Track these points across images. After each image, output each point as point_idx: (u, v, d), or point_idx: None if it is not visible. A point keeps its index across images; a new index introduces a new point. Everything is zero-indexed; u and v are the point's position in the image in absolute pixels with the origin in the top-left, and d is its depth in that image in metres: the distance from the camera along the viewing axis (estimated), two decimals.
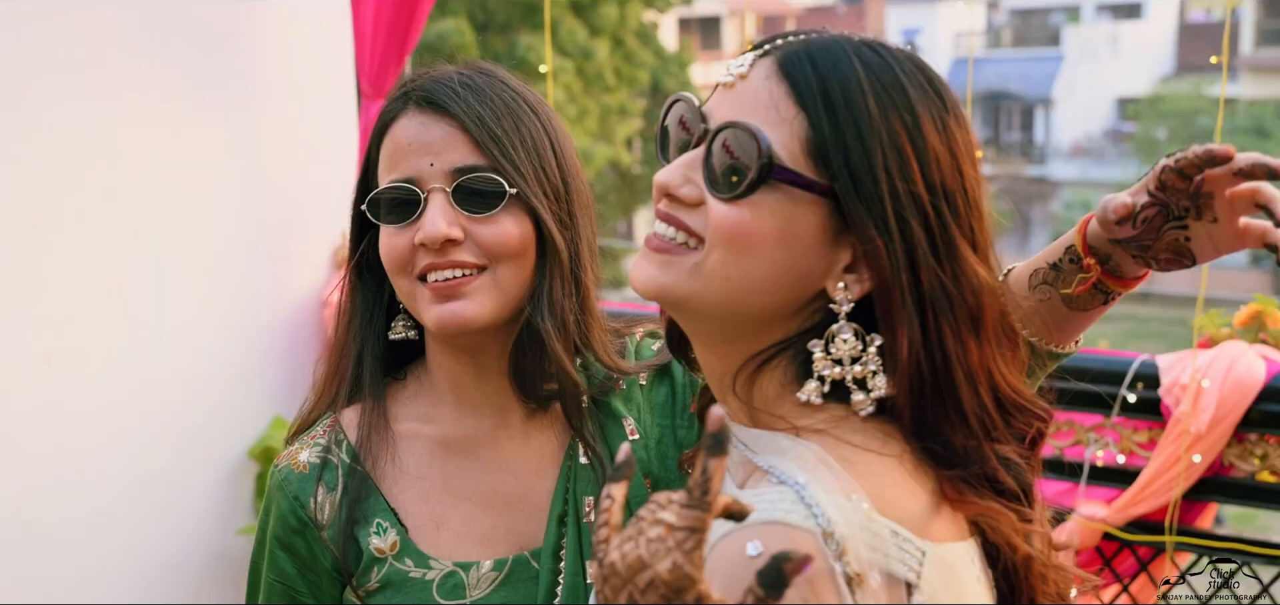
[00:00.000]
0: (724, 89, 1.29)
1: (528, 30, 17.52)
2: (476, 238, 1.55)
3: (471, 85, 1.58)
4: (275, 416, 4.17)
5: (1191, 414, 2.87)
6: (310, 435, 1.68)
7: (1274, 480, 2.92)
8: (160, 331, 3.79)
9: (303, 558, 1.63)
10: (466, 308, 1.55)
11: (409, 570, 1.59)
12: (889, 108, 1.22)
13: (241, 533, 4.08)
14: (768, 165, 1.21)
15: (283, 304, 4.23)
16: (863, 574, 1.15)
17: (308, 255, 4.33)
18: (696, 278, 1.26)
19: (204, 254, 3.94)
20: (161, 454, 3.81)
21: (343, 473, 1.63)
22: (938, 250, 1.23)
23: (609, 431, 1.69)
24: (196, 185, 3.89)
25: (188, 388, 3.89)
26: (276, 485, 1.65)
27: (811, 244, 1.23)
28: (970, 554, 1.27)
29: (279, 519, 1.64)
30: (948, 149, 1.25)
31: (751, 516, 1.14)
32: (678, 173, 1.28)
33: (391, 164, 1.59)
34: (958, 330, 1.23)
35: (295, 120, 4.24)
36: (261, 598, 1.67)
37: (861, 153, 1.21)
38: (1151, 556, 3.07)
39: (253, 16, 4.05)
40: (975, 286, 1.24)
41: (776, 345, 1.28)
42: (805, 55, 1.25)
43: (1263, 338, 3.00)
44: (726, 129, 1.24)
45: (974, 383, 1.25)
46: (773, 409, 1.28)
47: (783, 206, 1.22)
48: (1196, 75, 29.45)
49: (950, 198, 1.24)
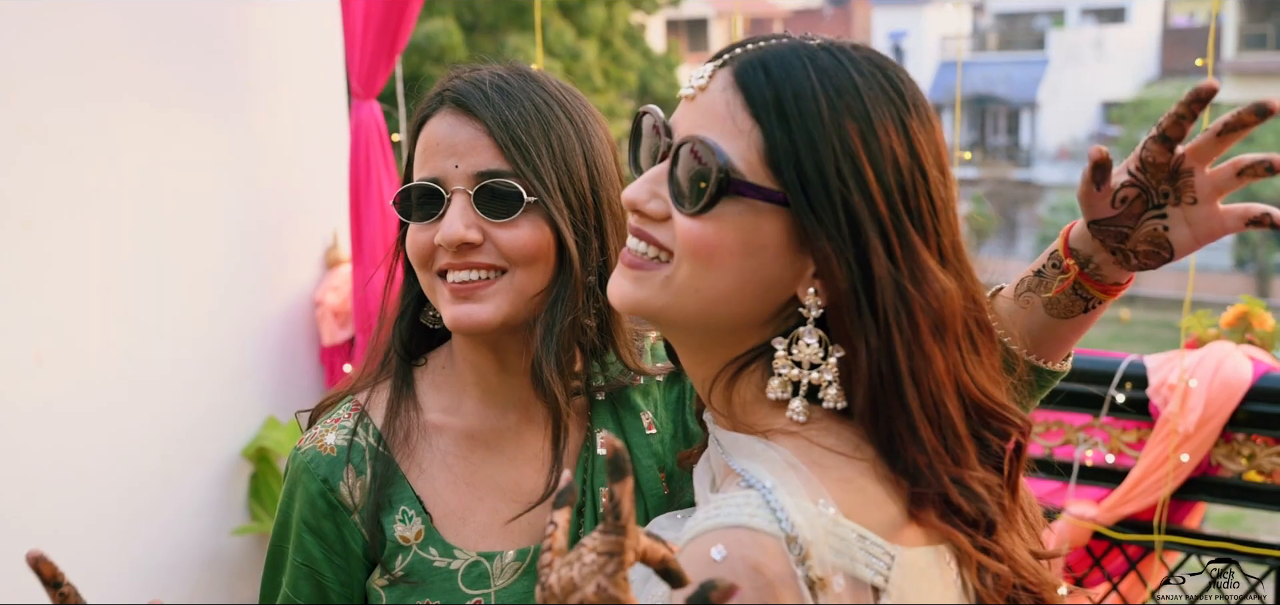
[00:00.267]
0: (686, 101, 1.29)
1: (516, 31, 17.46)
2: (496, 241, 1.57)
3: (504, 89, 1.60)
4: (268, 417, 4.18)
5: (1180, 414, 2.89)
6: (333, 418, 1.67)
7: (1261, 480, 2.94)
8: (153, 332, 3.79)
9: (332, 542, 1.62)
10: (481, 311, 1.57)
11: (433, 559, 1.60)
12: (843, 113, 1.21)
13: (236, 533, 4.08)
14: (725, 179, 1.22)
15: (275, 304, 4.23)
16: (826, 578, 1.15)
17: (300, 255, 4.33)
18: (668, 291, 1.27)
19: (196, 254, 3.94)
20: (155, 455, 3.81)
21: (370, 456, 1.63)
22: (895, 257, 1.21)
23: (628, 425, 1.72)
24: (188, 186, 3.90)
25: (180, 388, 3.89)
26: (302, 468, 1.62)
27: (777, 253, 1.24)
28: (942, 558, 1.26)
29: (307, 503, 1.61)
30: (908, 150, 1.23)
31: (717, 519, 1.17)
32: (644, 189, 1.30)
33: (422, 161, 1.62)
34: (918, 340, 1.22)
35: (286, 121, 4.24)
36: (286, 583, 1.64)
37: (812, 161, 1.20)
38: (1140, 555, 3.09)
39: (244, 18, 4.06)
40: (937, 292, 1.22)
41: (751, 351, 1.29)
42: (760, 64, 1.25)
43: (1249, 338, 3.02)
44: (686, 144, 1.25)
45: (936, 395, 1.23)
46: (749, 413, 1.30)
47: (745, 218, 1.23)
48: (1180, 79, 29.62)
49: (911, 200, 1.23)
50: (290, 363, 4.29)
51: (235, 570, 4.10)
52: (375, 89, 4.05)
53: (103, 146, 3.59)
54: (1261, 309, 3.03)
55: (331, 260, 4.39)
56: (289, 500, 1.64)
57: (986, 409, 1.28)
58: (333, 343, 4.31)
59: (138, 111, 3.71)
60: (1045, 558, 1.35)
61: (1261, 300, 3.07)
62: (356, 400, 1.68)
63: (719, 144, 1.23)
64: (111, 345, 3.65)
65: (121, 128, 3.66)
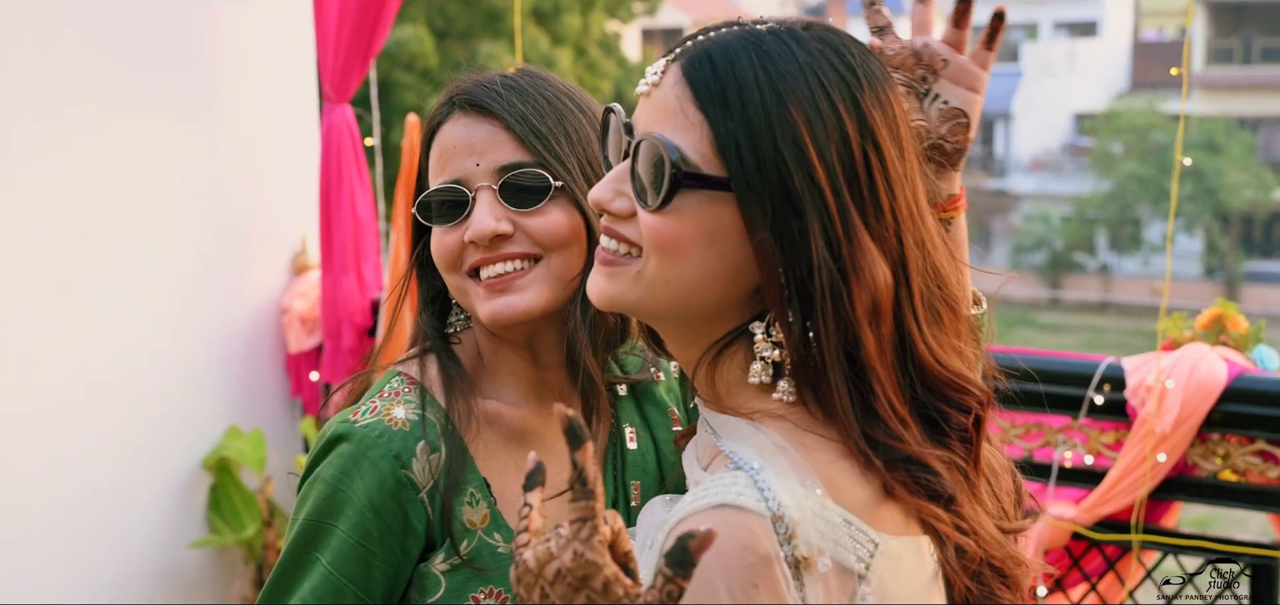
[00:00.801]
0: (643, 98, 1.32)
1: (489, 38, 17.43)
2: (527, 230, 1.59)
3: (514, 86, 1.63)
4: (230, 425, 4.10)
5: (1157, 414, 2.88)
6: (389, 391, 1.61)
7: (1236, 479, 2.94)
8: (112, 336, 3.72)
9: (391, 521, 1.54)
10: (520, 300, 1.58)
11: (497, 545, 1.57)
12: (787, 97, 1.23)
13: (195, 546, 4.00)
14: (679, 173, 1.24)
15: (240, 309, 4.17)
16: (811, 558, 1.17)
17: (267, 261, 4.27)
18: (640, 285, 1.30)
19: (160, 258, 3.88)
20: (112, 463, 3.73)
21: (443, 433, 1.59)
22: (833, 243, 1.22)
23: (653, 421, 1.74)
24: (153, 189, 3.84)
25: (140, 394, 3.82)
26: (370, 442, 1.54)
27: (740, 239, 1.25)
28: (924, 551, 1.27)
29: (376, 479, 1.53)
30: (858, 126, 1.24)
31: (704, 500, 1.18)
32: (609, 188, 1.33)
33: (440, 167, 1.63)
34: (853, 322, 1.22)
35: (256, 124, 4.19)
36: (327, 562, 1.53)
37: (751, 150, 1.22)
38: (1118, 555, 3.08)
39: (214, 21, 4.01)
40: (873, 275, 1.23)
41: (730, 334, 1.31)
42: (706, 56, 1.27)
43: (1223, 340, 3.01)
44: (643, 141, 1.28)
45: (871, 378, 1.24)
46: (734, 395, 1.31)
47: (705, 208, 1.25)
48: (1150, 91, 29.88)
49: (861, 178, 1.24)
50: (255, 370, 4.23)
51: (192, 584, 4.01)
52: (348, 93, 4.00)
53: (67, 149, 3.53)
54: (1235, 312, 3.03)
55: (299, 266, 4.33)
56: (344, 476, 1.54)
57: (944, 380, 1.28)
58: (299, 350, 4.25)
59: (103, 112, 3.65)
60: (1011, 531, 1.35)
61: (1235, 302, 3.06)
62: (407, 375, 1.64)
63: (671, 139, 1.26)
64: (69, 349, 3.58)
65: (86, 130, 3.60)
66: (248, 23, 4.13)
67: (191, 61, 3.95)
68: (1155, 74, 31.13)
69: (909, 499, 1.25)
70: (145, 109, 3.79)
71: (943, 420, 1.29)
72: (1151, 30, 36.80)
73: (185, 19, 3.91)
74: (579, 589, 1.07)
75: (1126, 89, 32.79)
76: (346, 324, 4.07)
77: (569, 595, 1.08)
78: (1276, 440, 2.87)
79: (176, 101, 3.90)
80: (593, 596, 1.07)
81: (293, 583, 1.55)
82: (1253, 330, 2.96)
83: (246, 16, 4.12)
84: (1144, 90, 30.76)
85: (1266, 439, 2.87)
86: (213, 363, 4.08)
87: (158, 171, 3.85)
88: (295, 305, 4.23)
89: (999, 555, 1.31)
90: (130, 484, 3.81)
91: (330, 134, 4.02)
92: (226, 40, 4.06)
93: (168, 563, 3.93)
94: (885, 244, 1.25)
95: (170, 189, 3.90)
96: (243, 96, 4.12)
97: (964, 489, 1.30)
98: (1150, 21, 36.96)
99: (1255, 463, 2.89)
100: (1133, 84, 32.78)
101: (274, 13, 4.25)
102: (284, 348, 4.29)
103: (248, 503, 4.02)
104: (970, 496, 1.31)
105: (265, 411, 4.22)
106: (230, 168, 4.10)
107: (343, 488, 1.53)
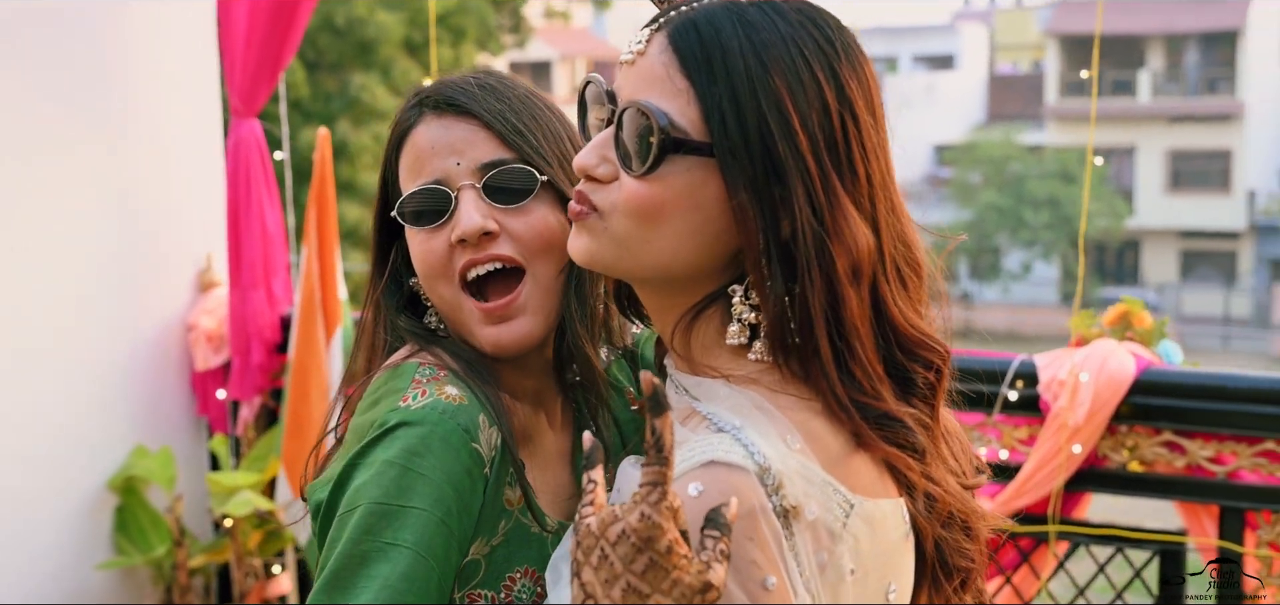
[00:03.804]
0: (626, 67, 1.34)
1: (360, 70, 17.25)
2: (512, 231, 1.57)
3: (486, 85, 1.61)
4: (137, 445, 3.98)
5: (1069, 407, 2.99)
6: (416, 379, 1.52)
7: (1143, 470, 3.07)
8: (14, 355, 3.59)
9: (465, 494, 1.47)
10: (520, 326, 1.56)
11: (531, 526, 1.55)
12: (771, 66, 1.27)
13: (101, 568, 3.88)
14: (667, 139, 1.28)
15: (144, 327, 4.05)
16: (799, 506, 1.23)
17: (172, 278, 4.16)
18: (619, 245, 1.33)
19: (59, 275, 3.76)
20: (15, 484, 3.59)
21: (495, 409, 1.53)
22: (816, 206, 1.27)
23: (612, 402, 1.71)
24: (54, 205, 3.72)
25: (43, 414, 3.69)
26: (436, 419, 1.46)
27: (722, 204, 1.29)
28: (898, 512, 1.33)
29: (452, 454, 1.45)
30: (837, 94, 1.30)
31: (691, 460, 1.22)
32: (594, 154, 1.35)
33: (416, 170, 1.59)
34: (837, 282, 1.28)
35: (158, 139, 4.08)
36: (412, 547, 1.41)
37: (736, 116, 1.26)
38: (1032, 547, 3.18)
39: (115, 32, 3.90)
40: (855, 237, 1.29)
41: (708, 297, 1.35)
42: (691, 24, 1.30)
43: (1129, 336, 3.16)
44: (629, 108, 1.30)
45: (851, 336, 1.29)
46: (709, 357, 1.35)
47: (692, 172, 1.29)
48: (1006, 122, 30.98)
49: (840, 145, 1.30)
50: (160, 388, 4.11)
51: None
52: (257, 106, 3.92)
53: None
54: (1140, 308, 3.18)
55: (206, 283, 4.22)
56: (413, 456, 1.44)
57: (914, 340, 1.35)
58: (206, 368, 4.14)
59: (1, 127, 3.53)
60: (970, 488, 1.43)
61: (1139, 299, 3.21)
62: (428, 360, 1.57)
63: (660, 105, 1.29)
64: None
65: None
66: (149, 37, 4.03)
67: (90, 73, 3.83)
68: (1011, 106, 32.35)
69: (885, 447, 1.31)
70: (45, 121, 3.67)
71: (910, 379, 1.36)
72: (1006, 64, 38.25)
73: (84, 33, 3.80)
74: (641, 551, 1.10)
75: (984, 121, 33.96)
76: (256, 340, 3.99)
77: (630, 556, 1.10)
78: (1182, 431, 3.00)
79: (75, 115, 3.78)
80: (655, 557, 1.10)
81: (361, 575, 1.40)
82: (1157, 326, 3.11)
83: (147, 30, 4.02)
84: (1000, 121, 31.88)
85: (1172, 430, 3.01)
86: (117, 382, 3.95)
87: (59, 188, 3.73)
88: (202, 322, 4.13)
89: (962, 508, 1.40)
90: (35, 506, 3.67)
91: (238, 149, 3.93)
92: (128, 54, 3.95)
93: (74, 584, 3.79)
94: (861, 208, 1.31)
95: (72, 206, 3.78)
96: (147, 112, 4.01)
97: (929, 446, 1.37)
98: (1005, 55, 38.42)
99: (1162, 453, 3.02)
100: (990, 116, 33.96)
101: (176, 26, 4.15)
102: (190, 366, 4.18)
103: (155, 523, 3.90)
104: (935, 454, 1.38)
105: (172, 430, 4.11)
106: (133, 184, 3.98)
107: (413, 467, 1.44)
